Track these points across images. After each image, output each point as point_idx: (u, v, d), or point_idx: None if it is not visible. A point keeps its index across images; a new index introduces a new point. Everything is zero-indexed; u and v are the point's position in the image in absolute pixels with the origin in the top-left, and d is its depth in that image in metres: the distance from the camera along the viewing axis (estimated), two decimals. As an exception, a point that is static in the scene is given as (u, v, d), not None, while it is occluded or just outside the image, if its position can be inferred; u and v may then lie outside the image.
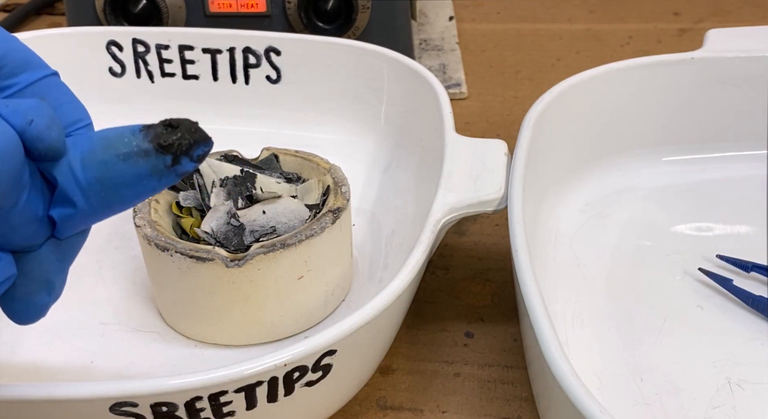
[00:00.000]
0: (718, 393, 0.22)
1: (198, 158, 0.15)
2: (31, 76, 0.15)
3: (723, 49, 0.29)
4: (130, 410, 0.17)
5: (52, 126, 0.14)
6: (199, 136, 0.15)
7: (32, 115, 0.13)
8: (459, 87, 0.39)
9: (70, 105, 0.16)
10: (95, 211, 0.14)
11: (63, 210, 0.14)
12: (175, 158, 0.14)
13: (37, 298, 0.15)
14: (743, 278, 0.25)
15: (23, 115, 0.13)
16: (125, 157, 0.14)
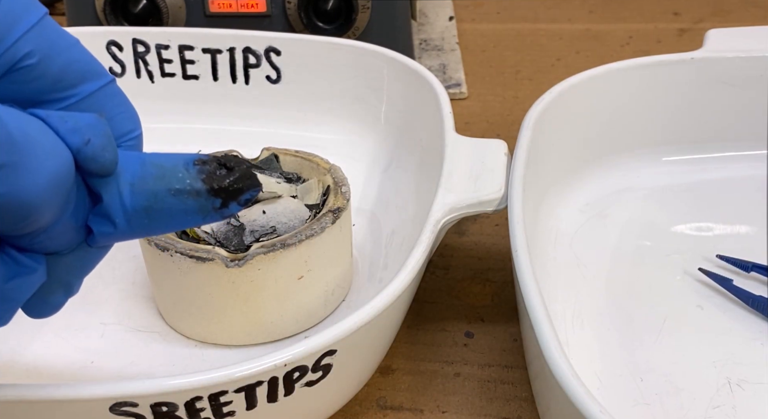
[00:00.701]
0: (718, 393, 0.22)
1: (245, 202, 0.15)
2: (91, 86, 0.15)
3: (723, 49, 0.29)
4: (130, 410, 0.17)
5: (108, 147, 0.14)
6: (252, 182, 0.15)
7: (90, 134, 0.13)
8: (459, 87, 0.39)
9: (125, 115, 0.16)
10: (134, 233, 0.15)
11: (103, 226, 0.14)
12: (225, 202, 0.14)
13: (54, 298, 0.15)
14: (743, 278, 0.25)
15: (81, 135, 0.13)
16: (176, 193, 0.14)
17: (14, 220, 0.13)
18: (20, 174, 0.12)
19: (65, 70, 0.15)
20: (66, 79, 0.15)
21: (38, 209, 0.13)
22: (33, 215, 0.13)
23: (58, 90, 0.15)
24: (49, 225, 0.13)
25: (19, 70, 0.14)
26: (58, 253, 0.15)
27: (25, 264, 0.14)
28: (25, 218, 0.13)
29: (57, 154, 0.13)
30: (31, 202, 0.12)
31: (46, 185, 0.13)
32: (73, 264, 0.15)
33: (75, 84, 0.15)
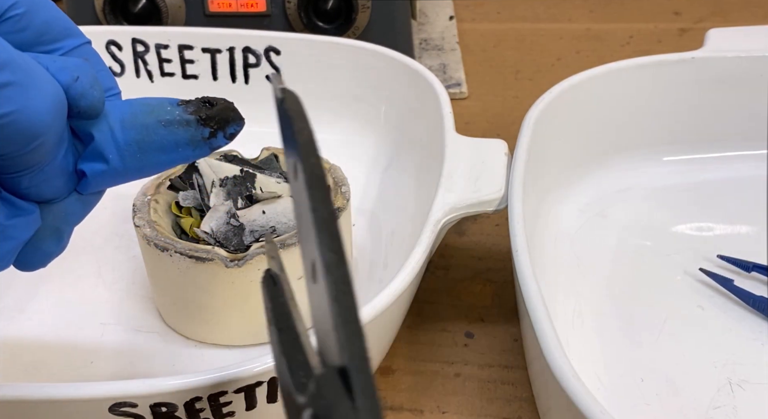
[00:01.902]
0: (719, 393, 0.22)
1: (230, 136, 0.16)
2: (73, 42, 0.16)
3: (723, 49, 0.29)
4: (130, 410, 0.17)
5: (95, 85, 0.15)
6: (235, 114, 0.15)
7: (78, 72, 0.14)
8: (459, 87, 0.39)
9: (104, 73, 0.16)
10: (126, 171, 0.15)
11: (95, 165, 0.15)
12: (213, 132, 0.15)
13: (46, 245, 0.16)
14: (744, 278, 0.25)
15: (70, 72, 0.14)
16: (167, 124, 0.15)
17: (23, 142, 0.13)
18: (28, 93, 0.13)
19: (49, 23, 0.15)
20: (50, 33, 0.15)
21: (44, 131, 0.13)
22: (39, 138, 0.13)
23: (43, 43, 0.15)
24: (47, 161, 0.14)
25: (7, 20, 0.15)
26: (49, 202, 0.15)
27: (23, 207, 0.15)
28: (32, 140, 0.13)
29: (54, 82, 0.14)
30: (38, 122, 0.13)
31: (50, 106, 0.13)
32: (65, 212, 0.16)
33: (58, 38, 0.15)
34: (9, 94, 0.13)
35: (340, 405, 0.09)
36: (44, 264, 0.16)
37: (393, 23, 0.37)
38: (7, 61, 0.13)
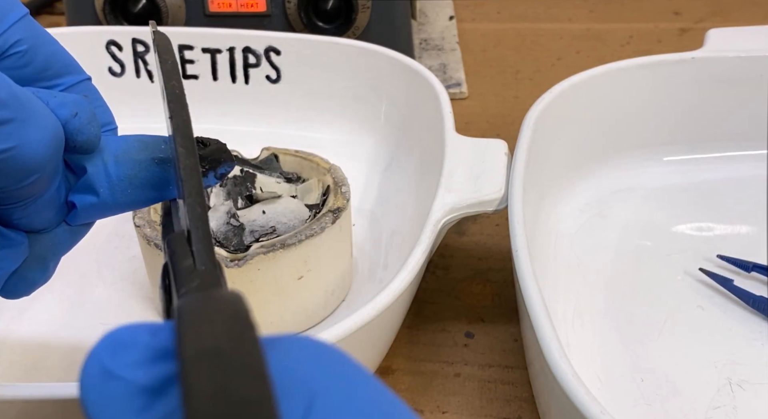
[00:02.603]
0: (719, 393, 0.22)
1: (221, 176, 0.16)
2: (74, 78, 0.16)
3: (723, 49, 0.29)
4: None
5: (93, 121, 0.15)
6: (227, 156, 0.16)
7: (76, 108, 0.15)
8: (459, 87, 0.39)
9: (102, 108, 0.17)
10: (116, 205, 0.15)
11: (86, 198, 0.15)
12: (204, 172, 0.15)
13: (31, 274, 0.16)
14: (744, 278, 0.25)
15: (69, 108, 0.15)
16: (160, 162, 0.15)
17: (21, 176, 0.14)
18: (28, 129, 0.13)
19: (50, 60, 0.16)
20: (51, 69, 0.16)
21: (41, 166, 0.14)
22: (36, 172, 0.14)
23: (44, 78, 0.16)
24: (41, 194, 0.14)
25: (11, 56, 0.15)
26: (38, 232, 0.15)
27: (11, 238, 0.15)
28: (30, 174, 0.14)
29: (53, 118, 0.14)
30: (37, 157, 0.14)
31: (49, 142, 0.14)
32: (53, 242, 0.16)
33: (59, 75, 0.16)
34: (9, 131, 0.13)
35: (183, 255, 0.11)
36: (28, 293, 0.16)
37: (393, 23, 0.37)
38: (9, 98, 0.13)
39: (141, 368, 0.07)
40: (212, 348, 0.07)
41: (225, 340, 0.07)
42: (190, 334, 0.07)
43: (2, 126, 0.13)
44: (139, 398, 0.07)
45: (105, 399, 0.07)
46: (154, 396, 0.07)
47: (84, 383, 0.08)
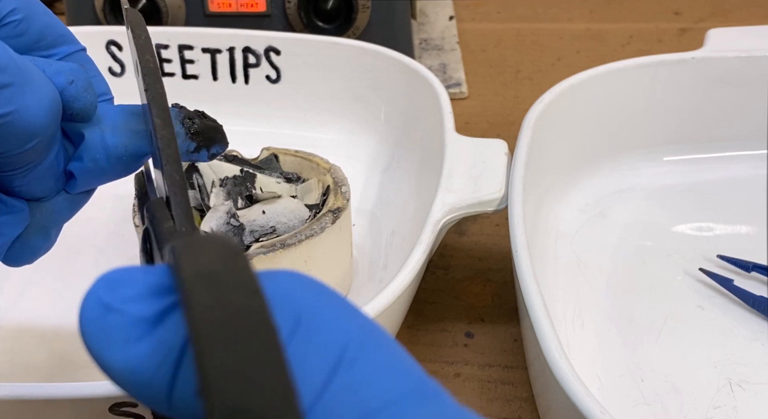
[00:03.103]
0: (719, 393, 0.22)
1: (212, 155, 0.17)
2: (69, 48, 0.16)
3: (724, 49, 0.29)
4: (130, 410, 0.17)
5: (89, 89, 0.15)
6: (222, 137, 0.17)
7: (72, 76, 0.15)
8: (459, 87, 0.39)
9: (97, 78, 0.17)
10: (112, 172, 0.16)
11: (83, 165, 0.16)
12: (198, 147, 0.16)
13: (32, 242, 0.16)
14: (744, 278, 0.25)
15: (65, 76, 0.15)
16: None
17: (20, 141, 0.14)
18: (26, 94, 0.14)
19: (45, 30, 0.16)
20: (46, 39, 0.16)
21: (40, 131, 0.14)
22: (35, 138, 0.14)
23: (40, 48, 0.16)
24: (40, 160, 0.15)
25: (6, 25, 0.15)
26: (39, 200, 0.16)
27: (13, 205, 0.15)
28: (29, 139, 0.14)
29: (50, 85, 0.14)
30: (35, 122, 0.14)
31: (47, 107, 0.14)
32: (53, 210, 0.16)
33: (54, 44, 0.16)
34: (8, 95, 0.13)
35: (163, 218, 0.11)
36: (31, 261, 0.17)
37: (393, 23, 0.37)
38: (7, 63, 0.13)
39: (137, 301, 0.08)
40: (209, 270, 0.07)
41: (220, 264, 0.08)
42: (187, 261, 0.08)
43: (1, 90, 0.13)
44: (137, 328, 0.08)
45: (103, 330, 0.08)
46: (150, 326, 0.08)
47: (83, 317, 0.08)
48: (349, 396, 0.07)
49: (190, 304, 0.07)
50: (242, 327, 0.07)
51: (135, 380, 0.08)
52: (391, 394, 0.07)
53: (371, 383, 0.07)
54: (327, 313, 0.07)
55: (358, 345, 0.07)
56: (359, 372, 0.07)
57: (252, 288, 0.07)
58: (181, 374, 0.08)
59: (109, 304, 0.08)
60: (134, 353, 0.08)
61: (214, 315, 0.07)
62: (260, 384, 0.07)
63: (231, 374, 0.07)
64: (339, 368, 0.07)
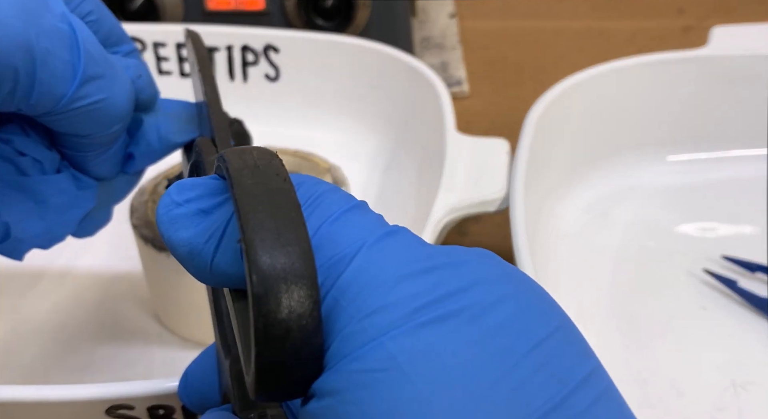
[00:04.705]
0: (723, 395, 0.22)
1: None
2: (127, 47, 0.19)
3: (728, 47, 0.29)
4: (127, 413, 0.17)
5: (152, 82, 0.18)
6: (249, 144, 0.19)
7: (139, 71, 0.18)
8: (460, 85, 0.39)
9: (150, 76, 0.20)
10: (162, 153, 0.19)
11: (140, 148, 0.18)
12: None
13: (98, 216, 0.19)
14: (748, 279, 0.25)
15: (134, 70, 0.18)
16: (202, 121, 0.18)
17: (106, 125, 0.16)
18: (114, 84, 0.16)
19: (112, 30, 0.18)
20: (112, 38, 0.18)
21: (123, 117, 0.17)
22: (119, 122, 0.17)
23: (107, 46, 0.18)
24: (113, 143, 0.17)
25: (86, 24, 0.17)
26: (101, 180, 0.18)
27: (88, 182, 0.18)
28: (114, 123, 0.17)
29: (128, 77, 0.17)
30: (120, 109, 0.16)
31: (129, 95, 0.17)
32: (113, 189, 0.19)
33: (118, 43, 0.18)
34: (102, 85, 0.16)
35: (209, 152, 0.15)
36: (93, 233, 0.19)
37: (393, 21, 0.37)
38: (101, 56, 0.16)
39: (196, 200, 0.11)
40: (251, 165, 0.10)
41: (259, 161, 0.10)
42: (234, 159, 0.10)
43: (97, 80, 0.16)
44: (194, 217, 0.11)
45: (172, 219, 0.11)
46: (203, 215, 0.11)
47: (159, 211, 0.11)
48: (327, 241, 0.10)
49: (236, 185, 0.10)
50: (274, 200, 0.09)
51: (189, 251, 0.11)
52: (363, 237, 0.10)
53: (345, 232, 0.10)
54: (331, 194, 0.11)
55: (343, 212, 0.10)
56: (339, 226, 0.10)
57: (283, 177, 0.10)
58: (221, 247, 0.10)
59: (178, 202, 0.11)
60: (191, 233, 0.11)
61: (254, 191, 0.10)
62: (286, 235, 0.09)
63: (264, 229, 0.09)
64: (324, 223, 0.10)
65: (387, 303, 0.09)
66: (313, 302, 0.09)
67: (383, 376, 0.08)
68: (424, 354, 0.08)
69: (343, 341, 0.09)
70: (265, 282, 0.09)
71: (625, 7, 0.47)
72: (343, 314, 0.09)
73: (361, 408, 0.08)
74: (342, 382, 0.09)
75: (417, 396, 0.08)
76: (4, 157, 0.17)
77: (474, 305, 0.09)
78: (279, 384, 0.09)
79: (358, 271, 0.09)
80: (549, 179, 0.27)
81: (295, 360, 0.09)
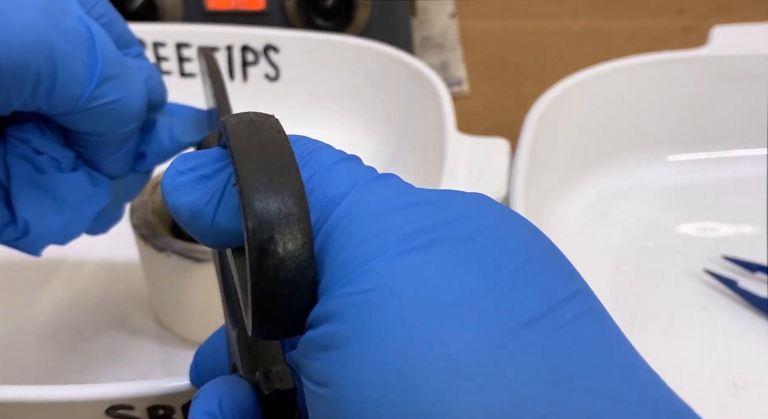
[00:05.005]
0: (724, 395, 0.22)
1: None
2: (136, 50, 0.19)
3: (728, 47, 0.29)
4: (126, 413, 0.17)
5: (162, 83, 0.19)
6: None
7: (150, 72, 0.18)
8: (460, 85, 0.39)
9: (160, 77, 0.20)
10: (172, 153, 0.19)
11: (152, 147, 0.19)
12: None
13: (111, 213, 0.20)
14: (748, 279, 0.25)
15: (145, 72, 0.18)
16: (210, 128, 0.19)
17: (122, 124, 0.17)
18: (128, 84, 0.17)
19: (122, 33, 0.18)
20: (122, 40, 0.18)
21: (138, 116, 0.17)
22: (134, 121, 0.17)
23: (118, 48, 0.18)
24: (127, 141, 0.18)
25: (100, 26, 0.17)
26: (114, 178, 0.19)
27: (102, 180, 0.18)
28: (129, 122, 0.17)
29: (140, 77, 0.17)
30: (135, 108, 0.17)
31: (143, 95, 0.17)
32: (125, 187, 0.19)
33: (128, 45, 0.19)
34: (117, 85, 0.16)
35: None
36: (107, 230, 0.20)
37: (393, 21, 0.37)
38: (116, 58, 0.16)
39: (198, 168, 0.11)
40: (247, 121, 0.10)
41: (255, 118, 0.11)
42: (231, 118, 0.11)
43: (113, 80, 0.16)
44: (196, 183, 0.11)
45: (176, 186, 0.11)
46: (204, 180, 0.11)
47: (165, 180, 0.12)
48: (320, 185, 0.10)
49: (231, 135, 0.10)
50: (267, 144, 0.10)
51: (192, 213, 0.11)
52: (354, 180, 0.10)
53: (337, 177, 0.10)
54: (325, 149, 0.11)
55: (336, 161, 0.11)
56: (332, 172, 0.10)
57: (277, 129, 0.10)
58: (220, 207, 0.11)
59: (181, 170, 0.12)
60: (193, 197, 0.11)
61: (249, 141, 0.10)
62: (277, 174, 0.09)
63: (257, 170, 0.09)
64: (317, 172, 0.10)
65: (376, 232, 0.09)
66: (305, 235, 0.09)
67: (373, 295, 0.09)
68: (412, 273, 0.09)
69: (335, 270, 0.09)
70: (258, 216, 0.09)
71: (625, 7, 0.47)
72: (334, 246, 0.09)
73: (353, 325, 0.09)
74: (334, 305, 0.09)
75: (403, 308, 0.09)
76: (23, 156, 0.17)
77: (460, 232, 0.09)
78: (275, 316, 0.09)
79: (348, 206, 0.10)
80: (549, 179, 0.27)
81: (289, 290, 0.09)
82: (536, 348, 0.08)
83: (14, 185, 0.17)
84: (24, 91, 0.15)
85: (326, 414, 0.09)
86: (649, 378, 0.09)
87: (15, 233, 0.18)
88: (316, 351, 0.09)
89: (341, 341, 0.09)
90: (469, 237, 0.09)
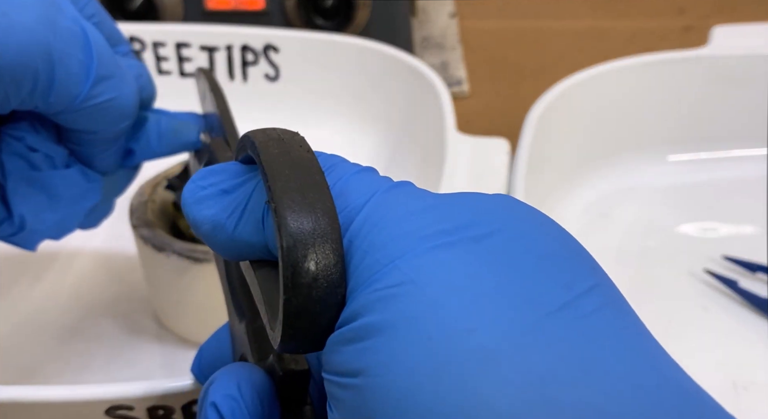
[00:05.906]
0: (724, 395, 0.22)
1: None
2: (125, 48, 0.19)
3: (729, 47, 0.29)
4: (126, 413, 0.17)
5: (151, 81, 0.19)
6: None
7: (139, 70, 0.19)
8: (460, 85, 0.39)
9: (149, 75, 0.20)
10: (159, 151, 0.20)
11: (140, 144, 0.19)
12: None
13: (101, 208, 0.20)
14: (749, 279, 0.25)
15: (135, 70, 0.19)
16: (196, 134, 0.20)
17: (116, 122, 0.17)
18: (122, 83, 0.17)
19: (111, 32, 0.19)
20: (112, 39, 0.19)
21: (131, 114, 0.18)
22: (128, 119, 0.18)
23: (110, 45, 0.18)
24: (118, 139, 0.18)
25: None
26: (104, 174, 0.19)
27: (94, 176, 0.19)
28: (123, 120, 0.17)
29: (132, 76, 0.18)
30: (129, 106, 0.17)
31: (136, 94, 0.18)
32: (115, 183, 0.20)
33: (117, 43, 0.19)
34: (112, 84, 0.17)
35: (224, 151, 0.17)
36: (97, 224, 0.20)
37: (393, 21, 0.37)
38: (110, 57, 0.17)
39: (219, 183, 0.12)
40: (275, 137, 0.11)
41: (283, 135, 0.11)
42: (259, 134, 0.11)
43: (108, 79, 0.16)
44: (218, 196, 0.12)
45: (197, 199, 0.12)
46: (225, 194, 0.12)
47: (185, 195, 0.12)
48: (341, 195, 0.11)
49: (262, 153, 0.10)
50: (299, 165, 0.10)
51: (213, 226, 0.11)
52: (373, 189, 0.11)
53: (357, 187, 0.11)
54: (344, 163, 0.12)
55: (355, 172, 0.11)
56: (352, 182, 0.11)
57: (305, 148, 0.11)
58: (242, 219, 0.11)
59: (202, 186, 0.12)
60: (214, 210, 0.12)
61: (280, 158, 0.10)
62: (311, 194, 0.10)
63: (291, 189, 0.10)
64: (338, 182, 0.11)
65: (397, 235, 0.10)
66: (337, 255, 0.10)
67: (400, 290, 0.09)
68: (435, 268, 0.09)
69: (359, 275, 0.10)
70: (293, 235, 0.09)
71: (625, 7, 0.47)
72: (357, 252, 0.10)
73: (383, 315, 0.09)
74: (361, 302, 0.09)
75: (430, 299, 0.09)
76: (18, 153, 0.18)
77: (480, 230, 0.10)
78: (304, 332, 0.10)
79: (369, 214, 0.10)
80: (549, 179, 0.27)
81: (320, 308, 0.10)
82: (561, 337, 0.09)
83: (10, 182, 0.18)
84: (22, 91, 0.15)
85: (354, 403, 0.09)
86: (673, 368, 0.09)
87: (11, 229, 0.18)
88: (342, 345, 0.09)
89: (370, 332, 0.09)
90: (489, 235, 0.10)
